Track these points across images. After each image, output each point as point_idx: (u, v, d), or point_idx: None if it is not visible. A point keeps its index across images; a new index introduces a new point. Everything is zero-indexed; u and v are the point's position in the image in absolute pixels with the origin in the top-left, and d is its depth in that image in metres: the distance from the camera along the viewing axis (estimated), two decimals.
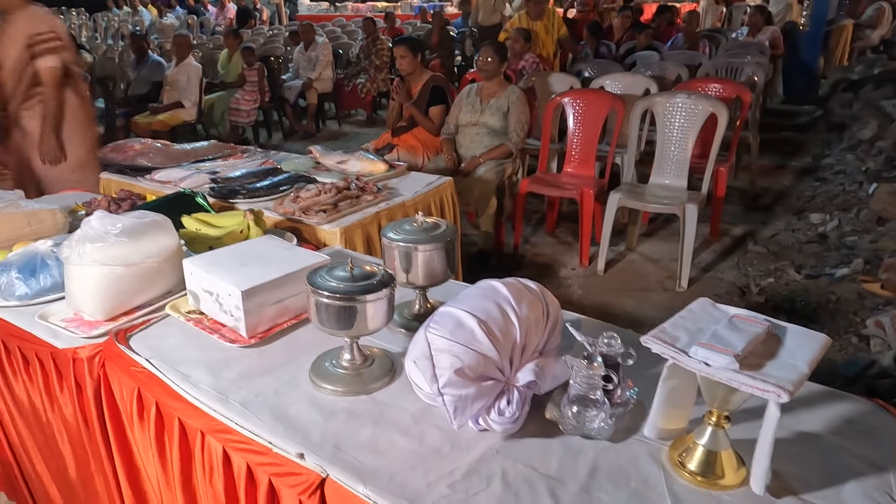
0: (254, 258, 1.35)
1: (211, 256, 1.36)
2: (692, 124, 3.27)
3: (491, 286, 1.04)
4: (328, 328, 1.07)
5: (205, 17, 13.98)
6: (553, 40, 5.65)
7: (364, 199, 2.06)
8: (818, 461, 0.91)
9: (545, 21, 5.58)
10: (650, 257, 3.65)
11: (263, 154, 2.70)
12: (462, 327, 0.96)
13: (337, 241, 1.87)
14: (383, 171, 2.37)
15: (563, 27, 5.72)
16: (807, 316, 2.85)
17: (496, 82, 3.66)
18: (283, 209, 1.96)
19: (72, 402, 1.29)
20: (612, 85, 4.18)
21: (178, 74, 5.98)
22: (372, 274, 1.08)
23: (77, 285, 1.31)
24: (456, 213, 2.45)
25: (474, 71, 5.41)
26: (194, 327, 1.29)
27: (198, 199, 1.90)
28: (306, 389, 1.10)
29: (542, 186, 3.62)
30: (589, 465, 0.92)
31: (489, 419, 0.96)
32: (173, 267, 1.41)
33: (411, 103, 3.91)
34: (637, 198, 3.30)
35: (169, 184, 2.33)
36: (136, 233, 1.32)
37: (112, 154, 2.55)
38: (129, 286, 1.33)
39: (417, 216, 1.27)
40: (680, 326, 0.89)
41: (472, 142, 3.67)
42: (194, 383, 1.11)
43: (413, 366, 0.97)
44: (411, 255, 1.22)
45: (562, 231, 4.09)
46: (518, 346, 0.98)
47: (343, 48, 8.36)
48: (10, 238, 1.68)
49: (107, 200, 2.04)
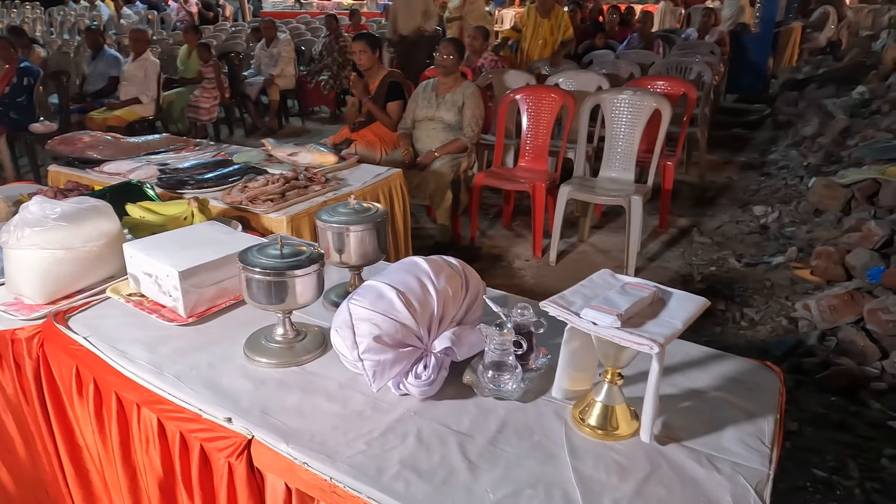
0: (194, 242, 1.39)
1: (151, 241, 1.40)
2: (638, 119, 3.41)
3: (412, 261, 1.11)
4: (259, 303, 1.12)
5: (166, 13, 13.74)
6: (557, 41, 5.56)
7: (312, 189, 2.11)
8: (704, 414, 1.01)
9: (553, 20, 5.53)
10: (601, 248, 3.78)
11: (216, 147, 2.72)
12: (382, 298, 1.03)
13: (284, 229, 1.92)
14: (333, 162, 2.42)
15: (569, 29, 5.62)
16: (743, 300, 3.00)
17: (452, 78, 3.74)
18: (231, 198, 1.99)
19: (12, 382, 1.32)
20: (567, 82, 4.30)
21: (136, 70, 5.90)
22: (301, 252, 1.14)
23: (16, 269, 1.34)
24: (406, 205, 2.52)
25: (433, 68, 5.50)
26: (134, 308, 1.33)
27: (145, 189, 1.93)
28: (240, 363, 1.16)
29: (496, 180, 3.72)
30: (498, 422, 1.00)
31: (407, 383, 1.03)
32: (115, 252, 1.44)
33: (369, 98, 3.96)
34: (586, 191, 3.42)
35: (118, 175, 2.34)
36: (75, 217, 1.35)
37: (61, 146, 2.54)
38: (68, 270, 1.36)
39: (350, 200, 1.33)
40: (578, 293, 0.97)
41: (429, 136, 3.74)
42: (131, 359, 1.15)
43: (336, 334, 1.04)
44: (343, 236, 1.28)
45: (518, 224, 4.19)
46: (436, 316, 1.06)
47: (306, 45, 8.35)
48: None
49: (53, 191, 2.05)
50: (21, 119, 5.34)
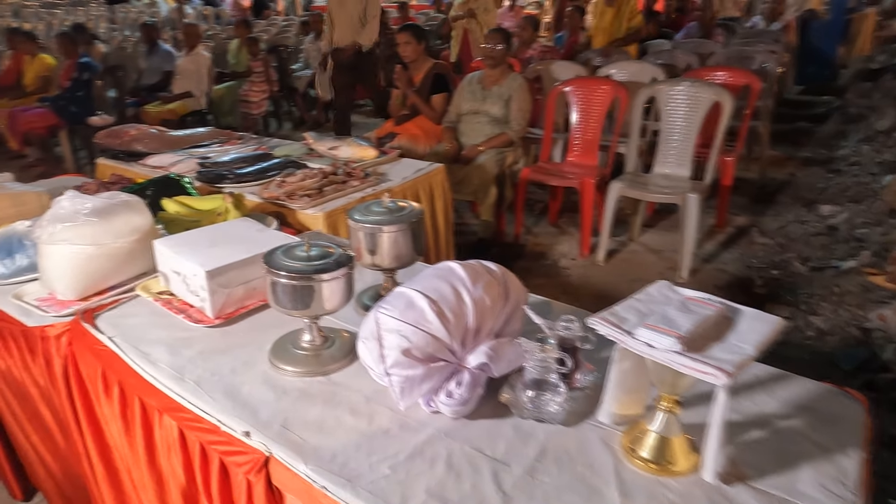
0: (224, 240, 1.35)
1: (181, 237, 1.36)
2: (695, 112, 3.21)
3: (448, 267, 1.02)
4: (285, 308, 1.06)
5: (221, 8, 14.06)
6: (622, 28, 5.23)
7: (350, 184, 2.05)
8: (774, 449, 0.89)
9: (616, 8, 5.19)
10: (652, 248, 3.59)
11: (258, 140, 2.70)
12: (412, 307, 0.94)
13: (320, 226, 1.86)
14: (373, 157, 2.36)
15: (636, 17, 5.27)
16: (809, 308, 2.78)
17: (499, 70, 3.62)
18: (268, 193, 1.95)
19: (43, 378, 1.30)
20: (620, 73, 4.11)
21: (188, 64, 6.02)
22: (329, 254, 1.07)
23: (49, 264, 1.32)
24: (448, 201, 2.43)
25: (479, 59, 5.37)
26: (162, 307, 1.29)
27: (183, 183, 1.91)
28: (263, 369, 1.10)
29: (543, 175, 3.59)
30: (538, 448, 0.90)
31: (438, 401, 0.94)
32: (147, 248, 1.41)
33: (413, 91, 3.89)
34: (638, 187, 3.25)
35: (160, 169, 2.34)
36: (106, 213, 1.33)
37: (108, 139, 2.57)
38: (100, 266, 1.34)
39: (384, 198, 1.25)
40: (632, 308, 0.86)
41: (474, 130, 3.64)
42: (153, 362, 1.11)
43: (362, 345, 0.96)
44: (376, 237, 1.20)
45: (564, 221, 4.04)
46: (471, 328, 0.96)
47: None
48: None
49: (96, 184, 2.06)
50: (80, 112, 5.53)
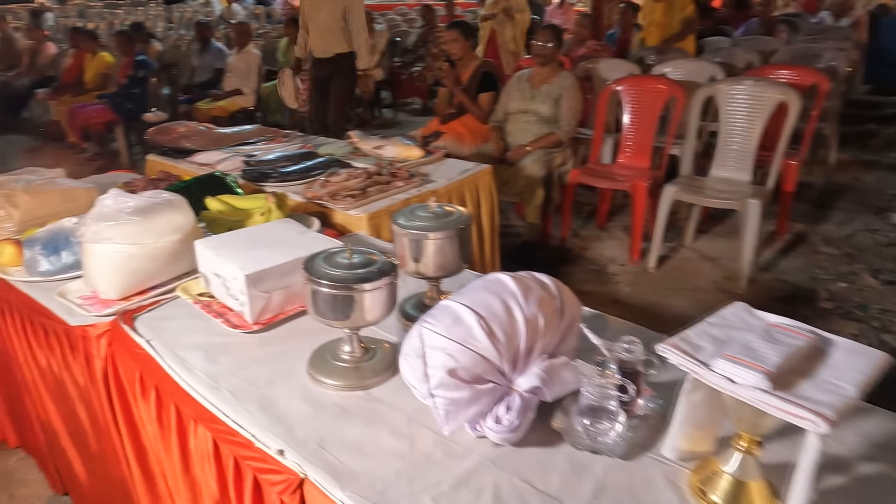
0: (265, 242, 1.31)
1: (223, 239, 1.33)
2: (758, 113, 3.02)
3: (498, 279, 0.94)
4: (324, 318, 1.00)
5: (272, 8, 14.32)
6: (675, 22, 4.92)
7: (395, 185, 2.00)
8: (864, 498, 0.77)
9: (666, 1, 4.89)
10: (706, 255, 3.42)
11: (303, 138, 2.68)
12: (459, 323, 0.87)
13: (363, 228, 1.81)
14: (419, 156, 2.29)
15: (687, 7, 4.90)
16: (882, 325, 2.58)
17: (549, 68, 3.51)
18: (312, 193, 1.92)
19: (83, 378, 1.29)
20: (675, 72, 3.94)
21: (239, 62, 6.11)
22: (372, 261, 1.01)
23: (92, 263, 1.30)
24: (495, 204, 2.35)
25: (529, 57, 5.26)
26: (201, 310, 1.26)
27: (228, 182, 1.89)
28: (301, 381, 1.05)
29: (592, 178, 3.46)
30: (594, 484, 0.82)
31: (486, 427, 0.87)
32: (189, 248, 1.38)
33: (460, 89, 3.82)
34: (694, 191, 3.09)
35: (207, 166, 2.34)
36: (148, 212, 1.30)
37: (158, 136, 2.59)
38: (142, 266, 1.32)
39: (430, 202, 1.18)
40: (706, 334, 0.77)
41: (522, 130, 3.54)
42: (189, 368, 1.08)
43: (405, 362, 0.90)
44: (421, 244, 1.13)
45: (613, 225, 3.90)
46: (522, 348, 0.89)
47: (402, 36, 8.34)
48: (46, 215, 1.71)
49: (144, 181, 2.07)
50: (136, 109, 5.68)
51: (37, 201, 1.70)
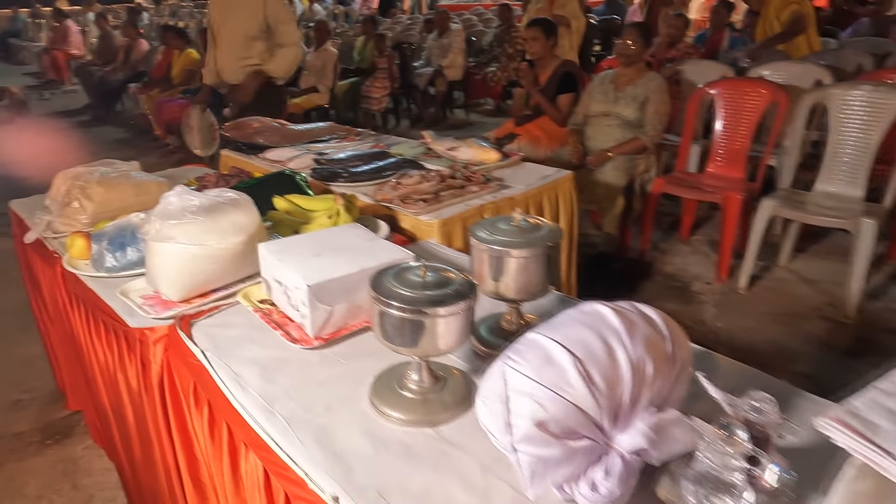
0: (331, 248, 1.21)
1: (287, 243, 1.24)
2: (877, 122, 2.70)
3: (597, 312, 0.79)
4: (391, 343, 0.88)
5: (350, 7, 14.58)
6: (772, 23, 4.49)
7: (469, 189, 1.87)
8: None
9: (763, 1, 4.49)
10: (805, 277, 3.10)
11: (375, 137, 2.60)
12: (551, 364, 0.73)
13: (434, 235, 1.69)
14: (495, 160, 2.16)
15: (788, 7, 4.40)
16: None
17: (635, 69, 3.30)
18: (382, 195, 1.82)
19: (136, 381, 1.24)
20: (775, 75, 3.62)
21: (316, 60, 6.18)
22: (448, 281, 0.88)
23: (154, 262, 1.25)
24: (574, 213, 2.18)
25: (612, 58, 5.01)
26: (260, 320, 1.17)
27: (298, 180, 1.82)
28: (363, 410, 0.93)
29: (678, 187, 3.21)
30: None
31: (578, 492, 0.72)
32: (253, 251, 1.31)
33: (538, 90, 3.65)
34: (796, 207, 2.80)
35: (279, 163, 2.30)
36: (212, 211, 1.23)
37: (232, 131, 2.59)
38: (204, 268, 1.25)
39: (515, 213, 1.04)
40: (881, 407, 0.59)
41: (603, 134, 3.34)
42: (243, 386, 0.99)
43: (483, 406, 0.76)
44: (503, 261, 1.00)
45: (697, 239, 3.63)
46: (626, 398, 0.73)
47: (478, 36, 8.22)
48: (118, 208, 1.70)
49: (215, 176, 2.04)
50: (216, 104, 5.83)
51: (110, 194, 1.69)
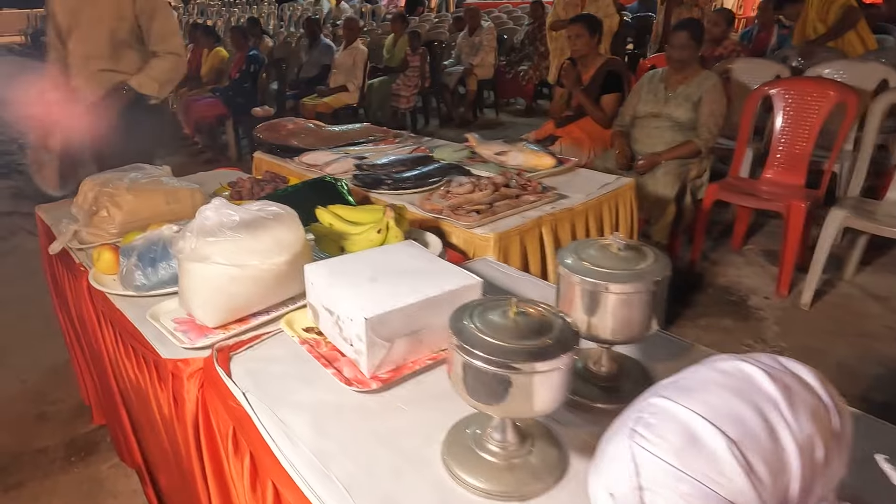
0: (388, 271, 1.06)
1: (336, 264, 1.09)
2: None
3: (743, 373, 0.63)
4: (473, 398, 0.73)
5: (377, 6, 14.49)
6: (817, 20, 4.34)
7: (525, 199, 1.71)
8: None
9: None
10: (872, 293, 2.88)
11: (416, 140, 2.45)
12: (697, 447, 0.56)
13: (490, 250, 1.54)
14: (549, 166, 1.99)
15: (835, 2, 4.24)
16: None
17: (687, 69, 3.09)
18: (431, 205, 1.66)
19: (168, 410, 1.11)
20: (834, 74, 3.39)
21: (345, 58, 6.07)
22: (545, 325, 0.72)
23: (188, 283, 1.12)
24: (634, 225, 2.01)
25: (655, 55, 4.79)
26: (308, 352, 1.03)
27: (339, 188, 1.68)
28: (435, 473, 0.78)
29: (734, 195, 3.01)
30: None
31: None
32: (297, 271, 1.17)
33: (581, 90, 3.47)
34: (868, 217, 2.58)
35: (315, 167, 2.16)
36: (254, 228, 1.09)
37: (266, 133, 2.46)
38: (243, 290, 1.11)
39: (612, 237, 0.88)
40: None
41: (651, 136, 3.15)
42: (292, 439, 0.84)
43: (602, 492, 0.60)
44: (599, 298, 0.84)
45: (751, 249, 3.42)
46: (795, 492, 0.57)
47: (508, 34, 8.04)
48: (148, 217, 1.58)
49: (250, 182, 1.91)
50: (245, 103, 5.76)
51: (140, 202, 1.57)
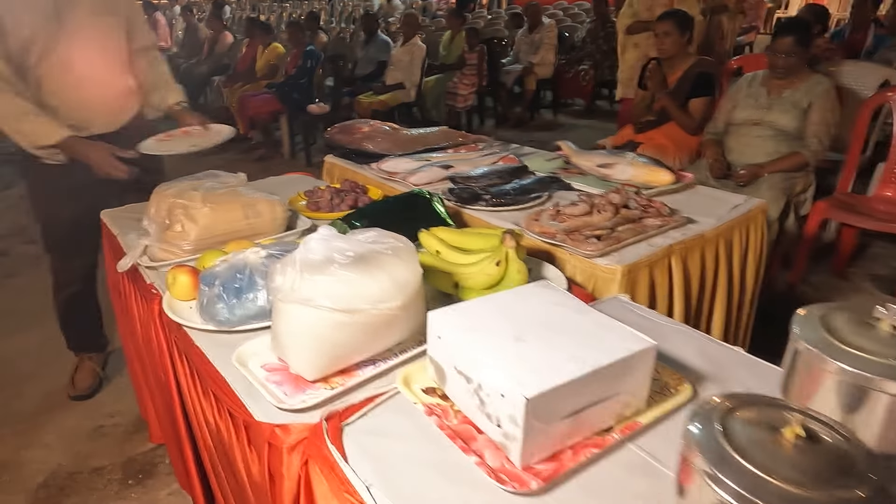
0: (533, 326, 0.84)
1: (468, 314, 0.88)
2: None
3: None
4: None
5: (427, 2, 14.30)
6: None
7: (648, 223, 1.47)
8: None
9: None
10: None
11: (501, 147, 2.23)
12: None
13: (615, 285, 1.31)
14: (667, 182, 1.74)
15: None
16: None
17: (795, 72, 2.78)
18: (541, 228, 1.44)
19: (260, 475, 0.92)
20: None
21: (403, 54, 5.90)
22: (843, 459, 0.50)
23: (284, 327, 0.93)
24: (763, 251, 1.74)
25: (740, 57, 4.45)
26: (436, 427, 0.82)
27: (435, 206, 1.47)
28: None
29: (845, 213, 2.69)
30: None
31: None
32: (412, 312, 0.97)
33: (666, 93, 3.19)
34: None
35: (395, 175, 1.97)
36: (369, 264, 0.90)
37: (339, 135, 2.28)
38: (350, 338, 0.92)
39: (883, 309, 0.65)
40: None
41: (750, 146, 2.85)
42: None
43: None
44: (866, 397, 0.60)
45: (854, 272, 3.08)
46: None
47: (568, 31, 7.73)
48: (226, 233, 1.41)
49: (329, 192, 1.73)
50: (301, 100, 5.64)
51: (217, 215, 1.40)
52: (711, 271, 1.54)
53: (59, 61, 1.67)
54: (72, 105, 1.74)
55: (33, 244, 3.88)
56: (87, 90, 1.75)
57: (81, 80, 1.73)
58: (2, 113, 1.62)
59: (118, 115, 1.88)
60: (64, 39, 1.66)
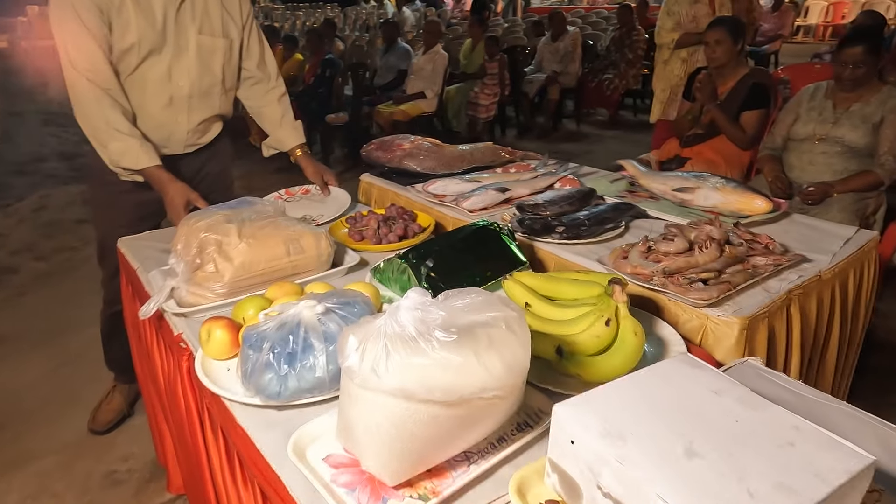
0: (703, 430, 0.63)
1: (606, 407, 0.67)
2: None
3: None
4: None
5: (442, 10, 14.19)
6: None
7: (756, 262, 1.25)
8: None
9: None
10: None
11: (558, 165, 2.02)
12: None
13: (732, 341, 1.09)
14: (764, 211, 1.51)
15: None
16: None
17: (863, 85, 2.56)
18: (632, 268, 1.22)
19: None
20: None
21: (425, 63, 5.71)
22: None
23: (361, 419, 0.72)
24: (873, 286, 1.51)
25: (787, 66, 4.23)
26: None
27: (505, 239, 1.26)
28: None
29: None
30: None
31: None
32: (518, 394, 0.76)
33: (716, 105, 2.98)
34: None
35: (445, 199, 1.76)
36: (478, 342, 0.68)
37: (378, 153, 2.08)
38: (448, 434, 0.71)
39: None
40: None
41: (814, 163, 2.63)
42: None
43: None
44: None
45: None
46: None
47: (591, 39, 7.53)
48: (265, 272, 1.21)
49: (376, 220, 1.52)
50: (319, 109, 5.47)
51: (255, 252, 1.19)
52: (825, 318, 1.32)
53: (152, 74, 1.62)
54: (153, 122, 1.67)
55: (44, 261, 3.72)
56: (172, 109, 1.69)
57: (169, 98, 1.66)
58: (94, 123, 1.55)
59: (199, 138, 1.81)
60: (164, 53, 1.61)
